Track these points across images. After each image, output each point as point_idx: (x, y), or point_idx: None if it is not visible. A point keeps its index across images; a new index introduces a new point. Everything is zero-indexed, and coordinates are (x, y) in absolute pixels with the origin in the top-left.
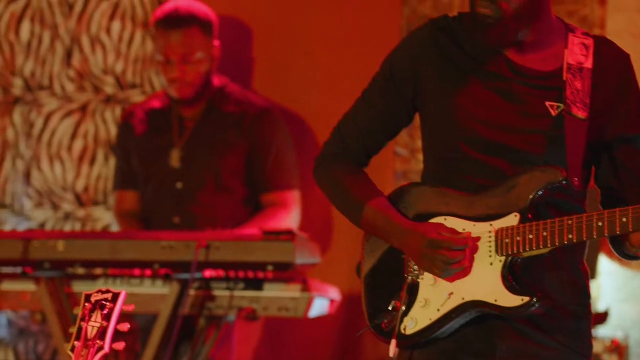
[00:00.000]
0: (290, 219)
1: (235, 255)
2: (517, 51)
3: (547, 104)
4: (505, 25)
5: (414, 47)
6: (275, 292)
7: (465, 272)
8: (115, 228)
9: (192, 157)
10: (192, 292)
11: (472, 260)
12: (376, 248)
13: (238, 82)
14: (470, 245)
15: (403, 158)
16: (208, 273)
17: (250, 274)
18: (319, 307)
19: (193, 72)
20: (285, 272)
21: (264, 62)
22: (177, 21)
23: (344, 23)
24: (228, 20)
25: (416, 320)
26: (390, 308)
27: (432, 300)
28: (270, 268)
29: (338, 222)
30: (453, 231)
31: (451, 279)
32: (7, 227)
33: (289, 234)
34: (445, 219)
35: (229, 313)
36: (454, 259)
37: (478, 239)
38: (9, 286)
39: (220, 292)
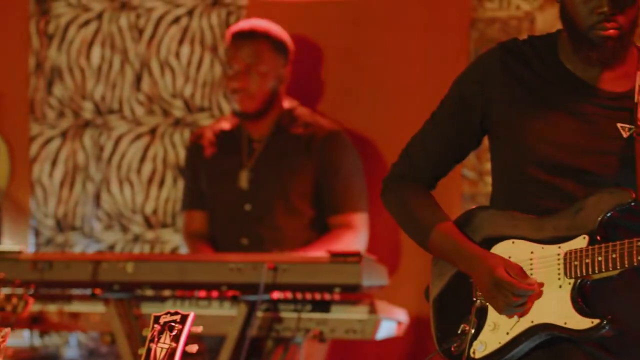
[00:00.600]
0: (357, 241)
1: (303, 277)
2: (590, 72)
3: (619, 125)
4: (620, 42)
5: (482, 69)
6: (342, 314)
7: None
8: (183, 250)
9: (261, 179)
10: (259, 314)
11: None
12: (444, 272)
13: (307, 104)
14: (535, 291)
15: (470, 180)
16: (276, 295)
17: (318, 296)
18: (386, 329)
19: (256, 84)
20: (353, 294)
21: (333, 85)
22: (248, 33)
23: (413, 46)
24: (298, 42)
25: (485, 344)
26: (459, 331)
27: (501, 323)
28: (337, 290)
29: (406, 245)
30: (520, 271)
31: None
32: (77, 249)
33: (356, 256)
34: (513, 242)
35: (296, 335)
36: (516, 303)
37: (542, 284)
38: (78, 307)
39: (288, 314)
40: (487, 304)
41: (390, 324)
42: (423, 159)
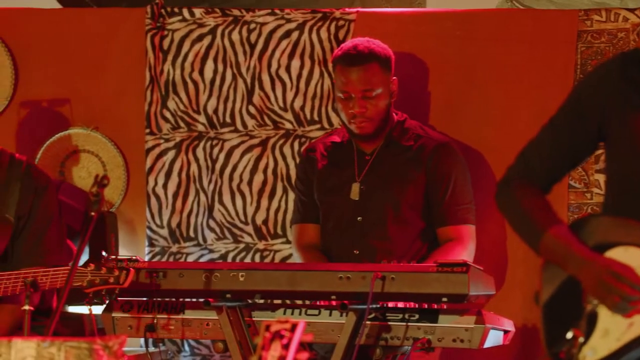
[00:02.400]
0: (467, 253)
1: (410, 286)
2: None
3: None
4: None
5: (601, 77)
6: (450, 323)
7: None
8: (293, 260)
9: (372, 191)
10: (368, 322)
11: None
12: (555, 277)
13: (414, 116)
14: None
15: (577, 191)
16: (384, 304)
17: (425, 305)
18: (494, 338)
19: (373, 108)
20: (460, 304)
21: (439, 97)
22: (356, 58)
23: (520, 59)
24: (405, 55)
25: (595, 350)
26: (568, 337)
27: (612, 329)
28: (444, 299)
29: (512, 256)
30: (631, 270)
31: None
32: (191, 259)
33: (463, 266)
34: (626, 249)
35: (404, 343)
36: (632, 297)
37: None
38: (192, 315)
39: (396, 323)
40: (598, 309)
41: (497, 333)
42: (539, 163)
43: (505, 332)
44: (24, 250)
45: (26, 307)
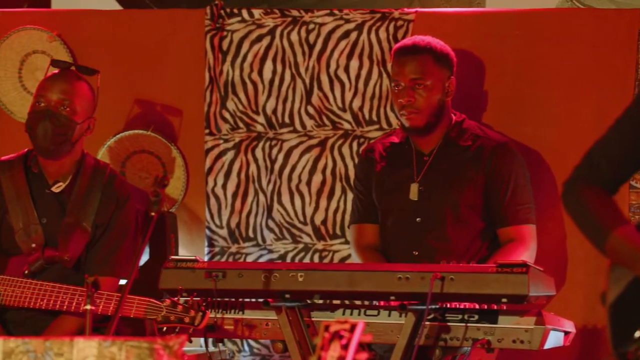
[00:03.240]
0: (528, 254)
1: (470, 287)
2: None
3: None
4: None
5: None
6: (509, 324)
7: None
8: (351, 260)
9: (431, 191)
10: (427, 323)
11: None
12: (621, 277)
13: (472, 117)
14: None
15: (638, 192)
16: (443, 304)
17: (485, 306)
18: (554, 339)
19: (422, 99)
20: (520, 305)
21: (498, 97)
22: (411, 48)
23: (579, 57)
24: (464, 54)
25: None
26: (636, 336)
27: None
28: (504, 300)
29: (572, 256)
30: None
31: None
32: (250, 259)
33: (523, 267)
34: None
35: (463, 344)
36: None
37: None
38: (251, 315)
39: (455, 323)
40: None
41: (558, 334)
42: (606, 164)
43: (566, 333)
44: (97, 261)
45: (88, 307)
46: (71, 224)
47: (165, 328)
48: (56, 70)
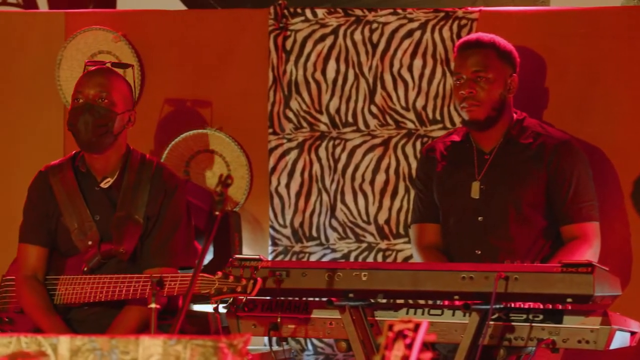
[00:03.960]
0: (592, 252)
1: (534, 287)
2: None
3: None
4: None
5: None
6: (575, 324)
7: None
8: (413, 260)
9: (492, 190)
10: (491, 323)
11: None
12: None
13: (534, 115)
14: None
15: None
16: (507, 304)
17: (549, 306)
18: (620, 339)
19: (483, 92)
20: (585, 305)
21: (562, 95)
22: (475, 43)
23: None
24: (526, 54)
25: None
26: None
27: None
28: (569, 300)
29: (638, 255)
30: None
31: None
32: (314, 258)
33: (588, 267)
34: None
35: (528, 344)
36: None
37: None
38: (315, 314)
39: (520, 323)
40: None
41: (624, 334)
42: None
43: (632, 333)
44: (152, 252)
45: (153, 306)
46: (123, 218)
47: (219, 300)
48: (91, 69)
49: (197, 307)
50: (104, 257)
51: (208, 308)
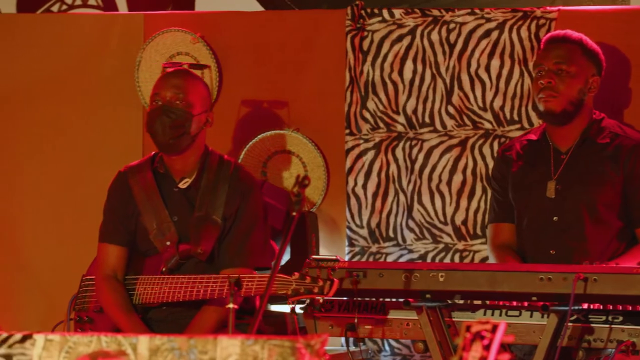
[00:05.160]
0: None
1: (613, 288)
2: None
3: None
4: None
5: None
6: None
7: None
8: (489, 259)
9: (568, 190)
10: (569, 324)
11: None
12: None
13: (614, 116)
14: None
15: None
16: (586, 305)
17: (629, 307)
18: None
19: (563, 84)
20: None
21: None
22: (562, 38)
23: None
24: (606, 53)
25: None
26: None
27: None
28: None
29: None
30: None
31: None
32: (390, 259)
33: None
34: None
35: (607, 346)
36: None
37: None
38: (392, 315)
39: (599, 325)
40: None
41: None
42: None
43: None
44: (229, 252)
45: (230, 306)
46: (201, 218)
47: (295, 301)
48: (168, 70)
49: (275, 308)
50: (182, 257)
51: (285, 308)
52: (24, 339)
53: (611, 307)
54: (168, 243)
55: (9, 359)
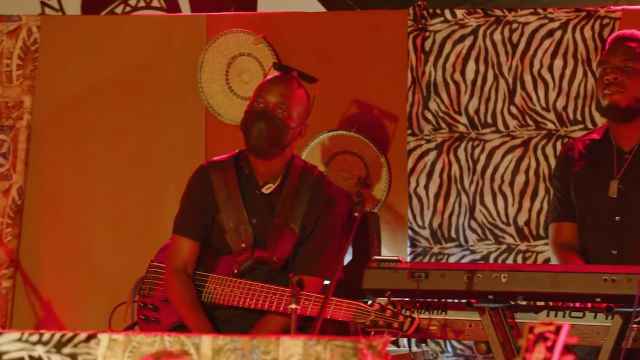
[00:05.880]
0: None
1: None
2: None
3: None
4: None
5: None
6: None
7: None
8: (553, 259)
9: (631, 190)
10: (635, 326)
11: None
12: None
13: None
14: None
15: None
16: None
17: None
18: None
19: (630, 80)
20: None
21: None
22: (630, 36)
23: None
24: None
25: None
26: None
27: None
28: None
29: None
30: None
31: None
32: (453, 260)
33: None
34: None
35: None
36: None
37: None
38: (454, 316)
39: None
40: None
41: None
42: None
43: None
44: (303, 261)
45: (293, 306)
46: (280, 225)
47: (373, 332)
48: (277, 74)
49: None
50: (256, 262)
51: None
52: (88, 339)
53: None
54: (243, 245)
55: (74, 359)
